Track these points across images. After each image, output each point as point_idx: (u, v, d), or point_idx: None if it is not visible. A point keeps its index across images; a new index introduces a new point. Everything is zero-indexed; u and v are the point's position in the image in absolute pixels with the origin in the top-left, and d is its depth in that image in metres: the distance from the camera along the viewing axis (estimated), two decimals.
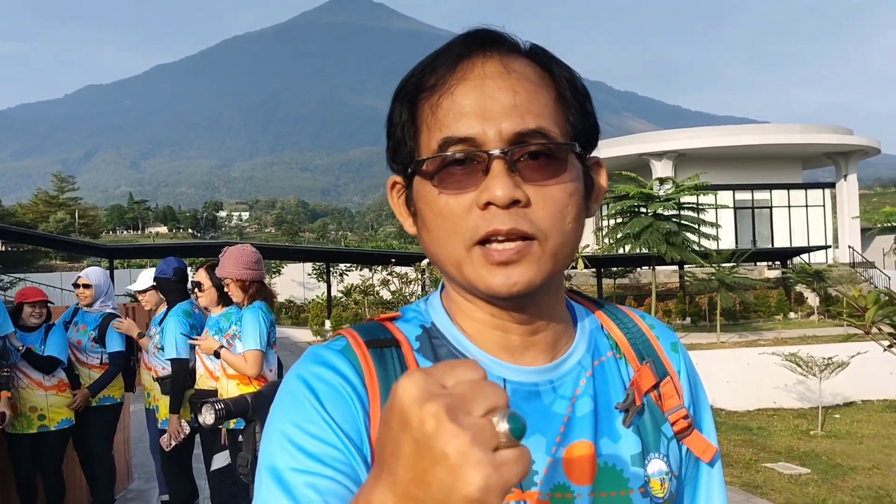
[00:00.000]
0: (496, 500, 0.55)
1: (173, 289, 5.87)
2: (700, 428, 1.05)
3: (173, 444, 5.48)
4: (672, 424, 1.01)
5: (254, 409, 3.63)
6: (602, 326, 1.05)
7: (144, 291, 6.42)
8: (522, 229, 0.87)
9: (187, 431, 5.52)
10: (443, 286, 1.03)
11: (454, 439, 0.55)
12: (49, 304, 6.10)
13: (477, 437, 0.55)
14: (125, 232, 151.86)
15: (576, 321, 1.03)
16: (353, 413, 0.87)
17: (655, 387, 1.01)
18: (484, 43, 0.93)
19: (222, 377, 4.78)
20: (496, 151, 0.87)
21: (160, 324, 5.87)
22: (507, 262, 0.87)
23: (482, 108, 0.88)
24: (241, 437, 4.03)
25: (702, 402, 1.08)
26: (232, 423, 4.54)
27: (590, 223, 39.57)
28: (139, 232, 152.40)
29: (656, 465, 0.97)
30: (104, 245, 35.97)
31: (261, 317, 4.75)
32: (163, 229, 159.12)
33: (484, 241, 0.87)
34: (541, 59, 0.94)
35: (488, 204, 0.86)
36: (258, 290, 4.87)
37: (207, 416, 3.61)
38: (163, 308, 6.20)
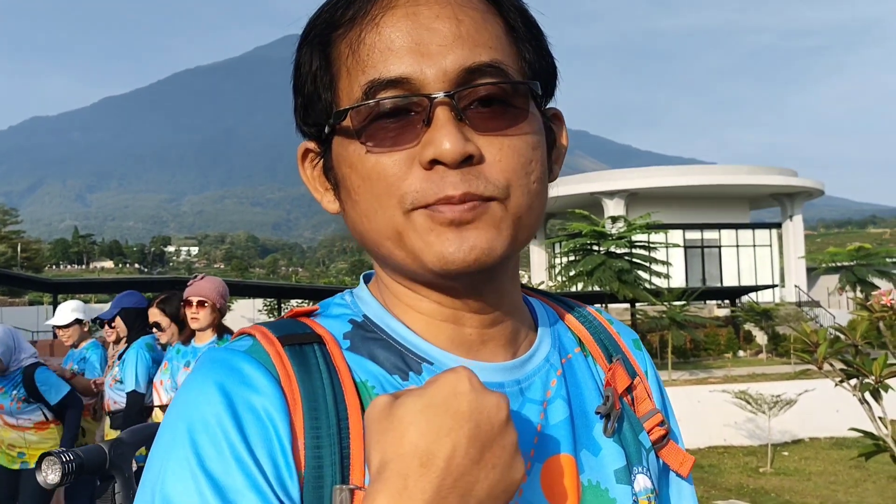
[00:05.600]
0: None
1: (136, 323, 5.74)
2: (674, 437, 0.89)
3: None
4: (649, 433, 0.85)
5: (111, 461, 2.79)
6: (562, 321, 0.89)
7: (66, 326, 6.08)
8: (479, 192, 0.69)
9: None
10: (369, 277, 0.85)
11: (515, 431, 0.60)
12: None
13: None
14: (69, 266, 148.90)
15: (535, 315, 0.86)
16: (268, 434, 0.67)
17: (629, 389, 0.85)
18: None
19: None
20: (439, 94, 0.69)
21: (120, 357, 5.73)
22: (461, 223, 0.69)
23: (417, 41, 0.70)
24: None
25: (669, 407, 0.92)
26: None
27: (543, 260, 39.80)
28: (84, 266, 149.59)
29: (642, 482, 0.81)
30: (49, 279, 35.16)
31: None
32: (108, 264, 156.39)
33: (427, 206, 0.70)
34: None
35: (434, 162, 0.69)
36: (221, 323, 4.81)
37: (50, 474, 2.63)
38: (83, 344, 6.09)
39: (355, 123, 0.72)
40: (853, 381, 3.60)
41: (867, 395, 3.55)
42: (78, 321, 6.12)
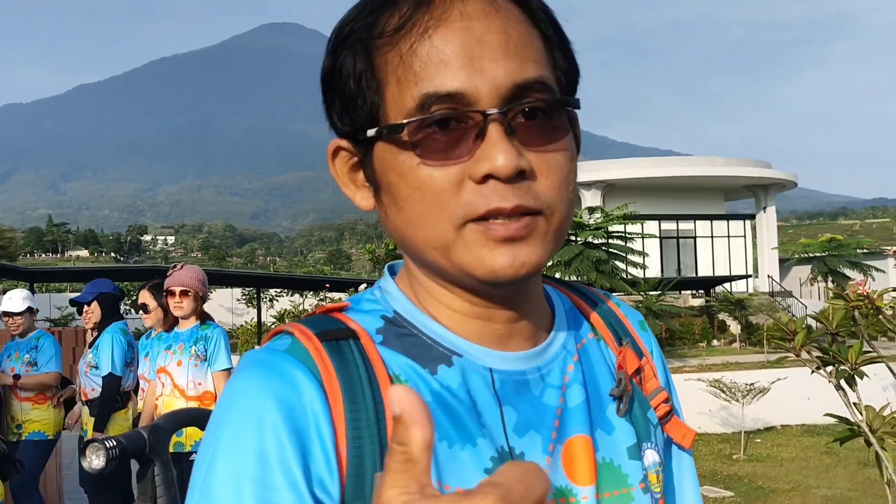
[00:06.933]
0: None
1: (111, 309, 5.77)
2: (676, 412, 0.95)
3: None
4: (655, 409, 0.91)
5: (151, 446, 2.98)
6: (575, 307, 0.94)
7: (20, 314, 5.99)
8: (528, 205, 0.73)
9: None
10: (393, 269, 0.89)
11: None
12: None
13: None
14: (43, 255, 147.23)
15: (551, 303, 0.90)
16: (309, 432, 0.71)
17: (638, 370, 0.91)
18: None
19: (180, 399, 4.68)
20: (493, 111, 0.72)
21: (90, 345, 5.71)
22: (514, 239, 0.73)
23: (471, 55, 0.72)
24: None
25: (671, 384, 0.97)
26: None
27: None
28: (58, 255, 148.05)
29: (651, 457, 0.87)
30: (24, 268, 34.76)
31: (225, 336, 4.86)
32: (84, 253, 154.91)
33: (479, 219, 0.73)
34: None
35: (488, 177, 0.72)
36: (203, 310, 4.90)
37: (95, 460, 2.85)
38: (30, 334, 6.02)
39: (410, 135, 0.73)
40: (829, 369, 3.71)
41: (842, 382, 3.66)
42: (29, 310, 6.04)
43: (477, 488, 0.44)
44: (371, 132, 0.76)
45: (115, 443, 2.88)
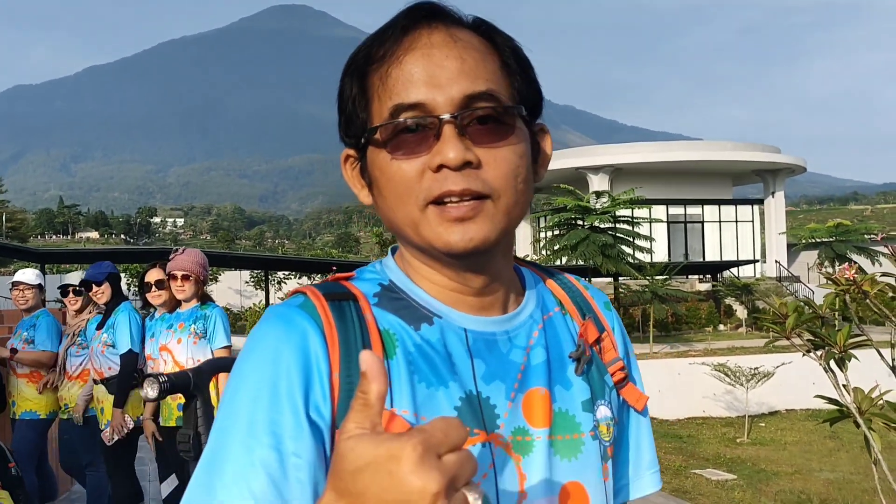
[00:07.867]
0: None
1: (118, 289, 5.88)
2: (633, 380, 1.12)
3: (115, 438, 5.35)
4: (612, 375, 1.07)
5: (195, 384, 3.61)
6: (546, 286, 1.12)
7: (32, 287, 6.16)
8: (475, 189, 0.90)
9: (131, 426, 5.44)
10: (394, 250, 1.07)
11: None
12: None
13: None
14: (54, 237, 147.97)
15: (523, 281, 1.08)
16: (311, 370, 0.90)
17: (598, 340, 1.08)
18: (428, 15, 0.96)
19: None
20: (446, 116, 0.91)
21: (101, 326, 5.79)
22: (463, 219, 0.91)
23: (431, 75, 0.92)
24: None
25: (631, 356, 1.15)
26: None
27: (528, 235, 39.95)
28: (69, 237, 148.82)
29: (603, 411, 1.04)
30: (35, 249, 35.04)
31: (223, 316, 5.04)
32: (94, 234, 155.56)
33: (438, 202, 0.91)
34: (484, 30, 0.98)
35: (441, 167, 0.90)
36: (204, 291, 5.05)
37: (150, 391, 3.57)
38: (35, 312, 6.16)
39: (383, 137, 0.94)
40: (819, 352, 3.77)
41: (832, 364, 3.72)
42: (40, 287, 6.21)
43: (406, 433, 0.62)
44: (362, 140, 0.97)
45: (165, 378, 3.58)
